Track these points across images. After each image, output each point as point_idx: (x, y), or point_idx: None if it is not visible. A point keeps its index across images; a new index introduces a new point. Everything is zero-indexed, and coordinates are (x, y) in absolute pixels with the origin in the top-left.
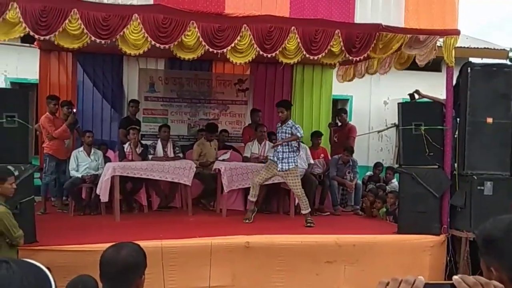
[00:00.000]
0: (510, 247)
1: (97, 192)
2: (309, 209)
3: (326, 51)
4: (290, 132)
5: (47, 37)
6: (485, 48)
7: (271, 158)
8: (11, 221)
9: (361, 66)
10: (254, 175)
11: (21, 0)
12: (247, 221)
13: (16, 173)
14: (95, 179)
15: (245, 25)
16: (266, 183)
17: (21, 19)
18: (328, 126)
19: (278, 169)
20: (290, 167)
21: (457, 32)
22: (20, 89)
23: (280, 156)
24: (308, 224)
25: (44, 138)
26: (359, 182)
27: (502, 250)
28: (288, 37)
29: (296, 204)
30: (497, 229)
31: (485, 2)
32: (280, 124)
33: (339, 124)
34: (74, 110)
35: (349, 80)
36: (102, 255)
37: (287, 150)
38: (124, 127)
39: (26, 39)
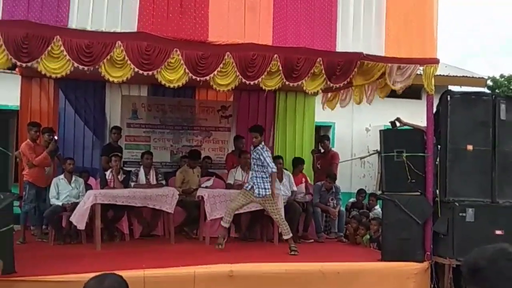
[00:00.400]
0: (495, 276)
1: (71, 219)
2: (291, 235)
3: (307, 78)
4: (258, 157)
5: (29, 64)
6: (463, 76)
7: (247, 184)
8: None
9: (345, 95)
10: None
11: (3, 26)
12: (219, 246)
13: None
14: (75, 207)
15: (228, 52)
16: (246, 210)
17: (3, 46)
18: (311, 152)
19: (255, 195)
20: (267, 193)
21: (436, 61)
22: (0, 115)
23: (256, 181)
24: (292, 252)
25: (24, 166)
26: (342, 209)
27: (488, 280)
28: (271, 65)
29: (279, 232)
30: (482, 258)
31: (461, 31)
32: (252, 148)
33: (322, 151)
34: (55, 137)
35: (332, 108)
36: (84, 287)
37: (262, 175)
38: (106, 154)
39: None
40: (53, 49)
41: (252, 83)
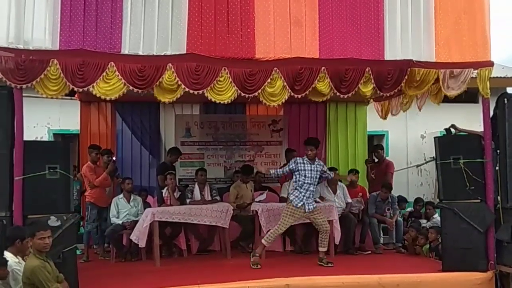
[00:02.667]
0: None
1: (131, 237)
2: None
3: (356, 89)
4: (321, 170)
5: (85, 89)
6: None
7: (295, 200)
8: (45, 275)
9: (396, 102)
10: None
11: (61, 56)
12: (257, 266)
13: (59, 223)
14: (135, 225)
15: (275, 68)
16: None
17: (62, 75)
18: (365, 163)
19: (306, 211)
20: (315, 205)
21: (490, 64)
22: (61, 140)
23: (309, 195)
24: (322, 263)
25: (86, 187)
26: (400, 218)
27: None
28: (318, 77)
29: (336, 244)
30: None
31: None
32: (307, 162)
33: (376, 160)
34: (114, 158)
35: (394, 114)
36: None
37: (312, 189)
38: (161, 173)
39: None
40: (108, 74)
41: (299, 96)
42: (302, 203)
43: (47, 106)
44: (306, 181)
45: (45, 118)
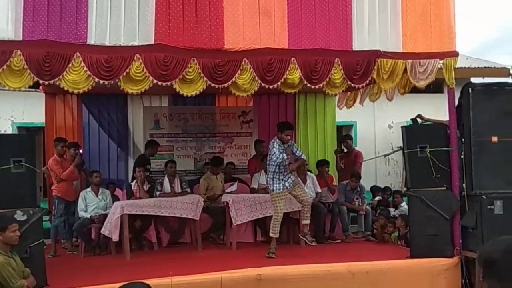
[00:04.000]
0: (509, 268)
1: (102, 231)
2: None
3: (328, 79)
4: (292, 150)
5: (51, 82)
6: (485, 67)
7: (279, 188)
8: (9, 271)
9: (363, 93)
10: (263, 206)
11: (24, 47)
12: (273, 255)
13: (25, 217)
14: (104, 218)
15: (245, 58)
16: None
17: (26, 66)
18: (334, 152)
19: (288, 188)
20: (293, 178)
21: (455, 54)
22: (27, 133)
23: (285, 178)
24: (306, 239)
25: (53, 181)
26: (368, 207)
27: (502, 272)
28: (289, 68)
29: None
30: (495, 251)
31: (480, 21)
32: (283, 144)
33: (345, 150)
34: (81, 151)
35: (350, 107)
36: None
37: (284, 170)
38: (139, 165)
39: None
40: (74, 66)
41: (272, 87)
42: (282, 185)
43: (11, 99)
44: (283, 164)
45: (9, 111)
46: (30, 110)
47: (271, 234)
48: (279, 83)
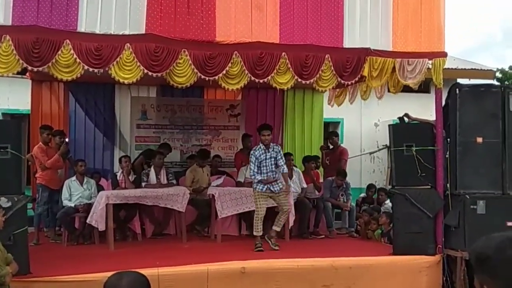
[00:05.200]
0: (502, 265)
1: (88, 221)
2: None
3: (318, 75)
4: (275, 156)
5: (40, 69)
6: (472, 69)
7: (259, 185)
8: None
9: (352, 90)
10: (248, 200)
11: (13, 32)
12: (260, 249)
13: (9, 204)
14: (88, 208)
15: (236, 52)
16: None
17: (14, 51)
18: (320, 149)
19: (274, 191)
20: (281, 186)
21: (444, 54)
22: (13, 120)
23: (276, 176)
24: (270, 242)
25: (37, 168)
26: (353, 204)
27: (495, 268)
28: (279, 63)
29: (290, 228)
30: (489, 247)
31: (466, 26)
32: (262, 150)
33: (331, 147)
34: (67, 140)
35: (339, 104)
36: (104, 283)
37: (271, 174)
38: (145, 157)
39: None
40: (63, 53)
41: (262, 81)
42: (266, 187)
43: None
44: (263, 170)
45: None
46: (15, 96)
47: (254, 233)
48: (269, 77)
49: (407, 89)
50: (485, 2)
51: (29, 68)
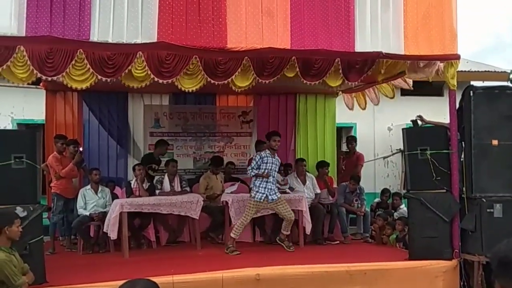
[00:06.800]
0: None
1: (105, 229)
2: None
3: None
4: (278, 164)
5: (54, 78)
6: (485, 71)
7: (258, 194)
8: (11, 269)
9: (369, 94)
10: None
11: (27, 43)
12: (237, 253)
13: (25, 213)
14: (103, 216)
15: (246, 57)
16: (270, 213)
17: (28, 62)
18: (338, 154)
19: (268, 201)
20: (279, 195)
21: (457, 57)
22: (28, 130)
23: (271, 187)
24: (283, 245)
25: (52, 178)
26: (367, 209)
27: None
28: (288, 65)
29: (304, 233)
30: (511, 250)
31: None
32: (269, 155)
33: (347, 151)
34: (81, 149)
35: (364, 108)
36: None
37: (272, 180)
38: (144, 164)
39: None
40: (77, 62)
41: (268, 82)
42: (264, 195)
43: (11, 95)
44: (270, 174)
45: (9, 107)
46: (30, 106)
47: (231, 235)
48: (275, 78)
49: (420, 92)
50: (496, 2)
51: (43, 78)
